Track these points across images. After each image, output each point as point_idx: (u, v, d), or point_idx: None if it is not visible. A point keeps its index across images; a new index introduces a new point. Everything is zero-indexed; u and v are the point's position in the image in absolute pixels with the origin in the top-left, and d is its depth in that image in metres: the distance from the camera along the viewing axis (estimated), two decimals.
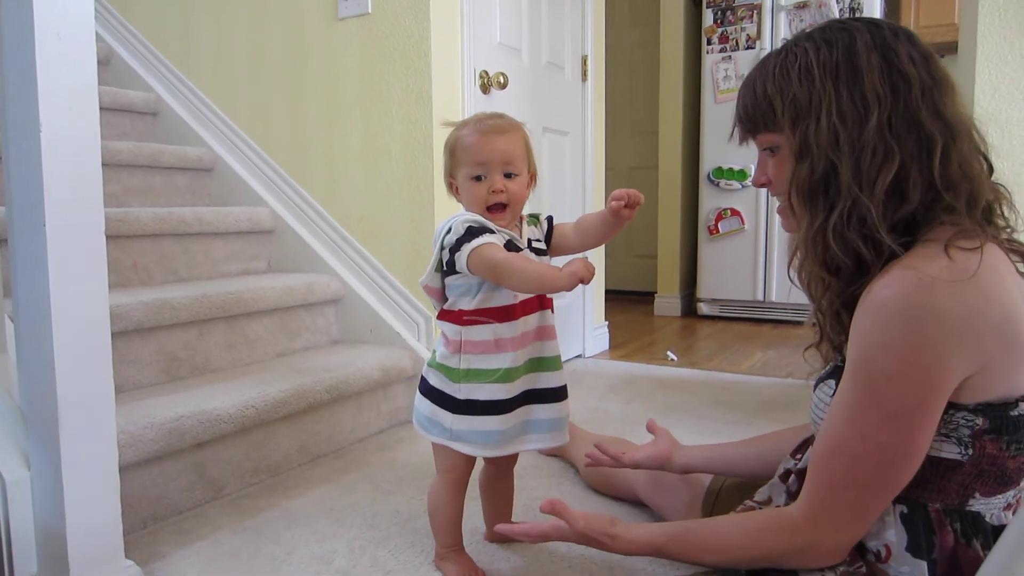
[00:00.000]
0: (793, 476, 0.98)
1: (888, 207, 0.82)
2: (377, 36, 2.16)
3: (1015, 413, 0.79)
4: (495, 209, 1.15)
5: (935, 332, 0.76)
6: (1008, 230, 0.88)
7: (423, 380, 1.23)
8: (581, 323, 3.03)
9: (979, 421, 0.79)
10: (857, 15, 3.34)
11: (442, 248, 1.15)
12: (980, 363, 0.77)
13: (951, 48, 3.35)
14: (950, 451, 0.81)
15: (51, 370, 1.12)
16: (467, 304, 1.16)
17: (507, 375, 1.14)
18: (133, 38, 2.81)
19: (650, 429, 1.33)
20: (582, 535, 0.99)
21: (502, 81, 2.34)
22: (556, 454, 1.72)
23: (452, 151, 1.19)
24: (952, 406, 0.79)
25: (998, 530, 0.82)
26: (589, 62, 2.93)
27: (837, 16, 3.36)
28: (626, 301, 4.55)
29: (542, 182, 2.69)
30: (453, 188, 1.21)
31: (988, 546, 0.82)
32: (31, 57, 1.07)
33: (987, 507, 0.83)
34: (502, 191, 1.14)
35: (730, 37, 3.68)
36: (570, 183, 2.89)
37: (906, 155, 0.82)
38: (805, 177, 0.86)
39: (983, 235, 0.80)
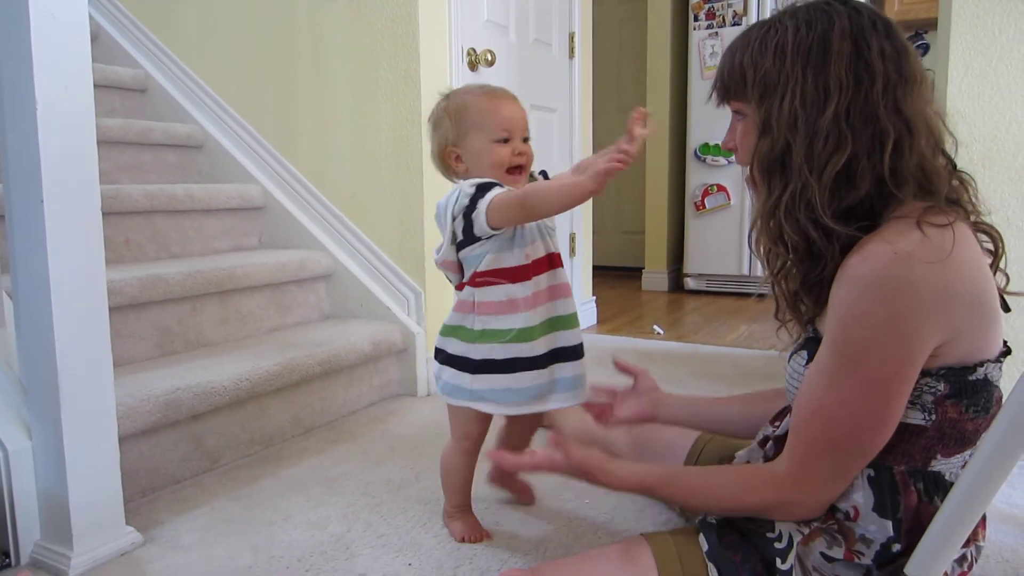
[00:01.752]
0: (771, 442, 1.02)
1: (836, 194, 0.86)
2: (365, 13, 2.17)
3: (973, 377, 0.84)
4: (514, 171, 1.19)
5: (910, 304, 0.79)
6: (973, 216, 0.91)
7: (438, 351, 1.25)
8: None
9: (941, 387, 0.84)
10: None
11: (454, 218, 1.16)
12: (951, 332, 0.81)
13: (935, 24, 3.37)
14: (915, 418, 0.85)
15: (51, 341, 1.15)
16: (478, 267, 1.18)
17: (521, 335, 1.17)
18: (120, 14, 2.80)
19: (623, 369, 1.30)
20: (577, 466, 1.00)
21: (489, 58, 2.36)
22: (545, 424, 1.77)
23: (460, 117, 1.19)
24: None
25: None
26: (576, 39, 2.94)
27: None
28: (614, 277, 4.60)
29: None
30: (453, 157, 1.22)
31: None
32: (27, 37, 1.10)
33: (947, 466, 0.88)
34: (523, 153, 1.19)
35: (717, 13, 3.69)
36: (557, 160, 2.92)
37: (859, 146, 0.85)
38: (765, 153, 0.89)
39: (953, 212, 0.84)
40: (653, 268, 4.27)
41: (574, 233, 3.06)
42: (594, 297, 3.27)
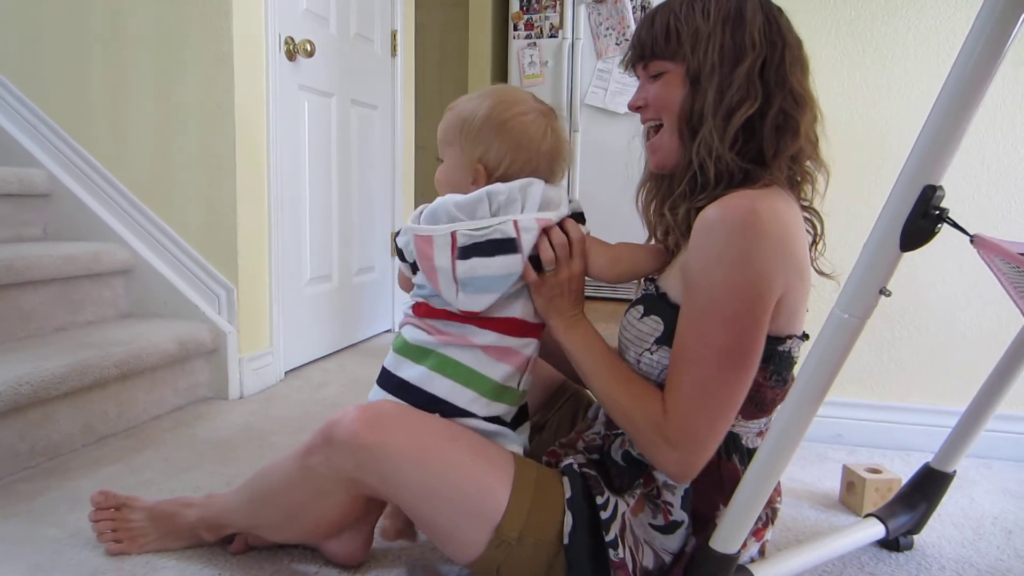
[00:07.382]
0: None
1: (735, 143, 0.91)
2: None
3: (782, 348, 0.92)
4: None
5: (759, 242, 0.84)
6: (807, 201, 1.00)
7: None
8: (391, 299, 3.04)
9: None
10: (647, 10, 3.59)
11: None
12: (785, 286, 0.87)
13: None
14: None
15: None
16: None
17: None
18: None
19: None
20: None
21: (309, 49, 2.28)
22: None
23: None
24: None
25: (751, 452, 0.96)
26: (399, 37, 2.92)
27: (631, 11, 3.60)
28: None
29: (351, 157, 2.66)
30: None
31: (744, 462, 0.96)
32: None
33: (745, 430, 0.96)
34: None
35: (535, 24, 3.82)
36: (380, 159, 2.89)
37: (767, 102, 0.91)
38: (689, 101, 0.93)
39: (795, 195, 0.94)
40: None
41: (397, 232, 3.03)
42: None
